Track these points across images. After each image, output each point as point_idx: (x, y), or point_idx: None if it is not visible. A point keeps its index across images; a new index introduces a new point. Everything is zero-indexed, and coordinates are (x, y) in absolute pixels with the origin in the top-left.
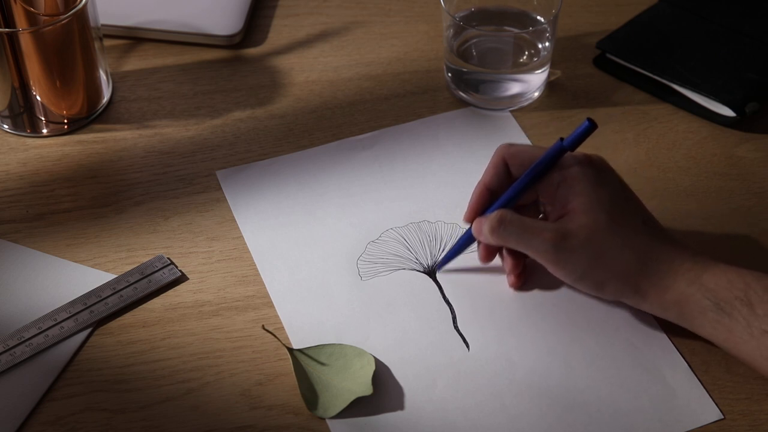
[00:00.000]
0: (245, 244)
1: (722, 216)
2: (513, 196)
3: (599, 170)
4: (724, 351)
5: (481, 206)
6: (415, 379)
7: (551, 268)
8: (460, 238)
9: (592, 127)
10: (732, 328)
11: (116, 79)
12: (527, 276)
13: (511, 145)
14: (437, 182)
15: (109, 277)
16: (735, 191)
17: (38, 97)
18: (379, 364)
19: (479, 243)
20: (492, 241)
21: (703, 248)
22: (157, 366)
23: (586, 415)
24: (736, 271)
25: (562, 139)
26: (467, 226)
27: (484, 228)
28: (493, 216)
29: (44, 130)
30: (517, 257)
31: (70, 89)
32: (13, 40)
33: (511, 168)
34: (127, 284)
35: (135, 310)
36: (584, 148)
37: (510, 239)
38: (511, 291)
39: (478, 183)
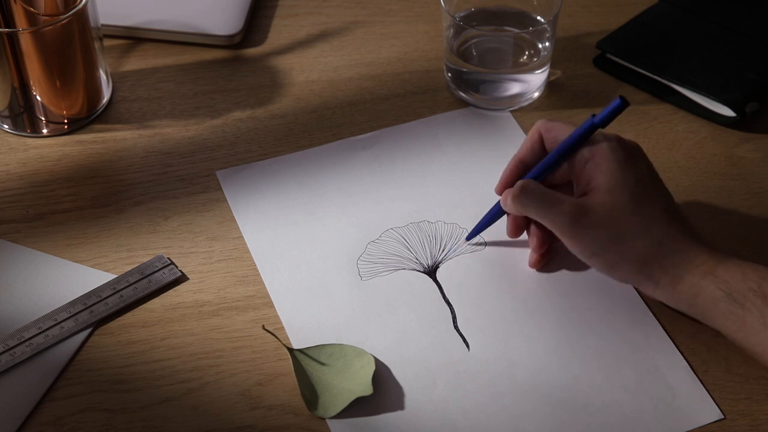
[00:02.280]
0: (245, 244)
1: (722, 216)
2: (542, 170)
3: (629, 152)
4: (731, 345)
5: (513, 178)
6: (415, 379)
7: (567, 242)
8: (490, 210)
9: (623, 104)
10: (744, 318)
11: (116, 79)
12: (550, 258)
13: (548, 121)
14: (437, 182)
15: (109, 277)
16: (735, 191)
17: (38, 97)
18: (379, 364)
19: (509, 216)
20: (513, 209)
21: None
22: (157, 366)
23: (587, 414)
24: (751, 266)
25: (594, 115)
26: (467, 226)
27: (508, 197)
28: (516, 185)
29: (44, 130)
30: (544, 236)
31: (70, 89)
32: (13, 40)
33: (546, 143)
34: (127, 284)
35: (135, 310)
36: None
37: (529, 208)
38: (510, 291)
39: (514, 156)
